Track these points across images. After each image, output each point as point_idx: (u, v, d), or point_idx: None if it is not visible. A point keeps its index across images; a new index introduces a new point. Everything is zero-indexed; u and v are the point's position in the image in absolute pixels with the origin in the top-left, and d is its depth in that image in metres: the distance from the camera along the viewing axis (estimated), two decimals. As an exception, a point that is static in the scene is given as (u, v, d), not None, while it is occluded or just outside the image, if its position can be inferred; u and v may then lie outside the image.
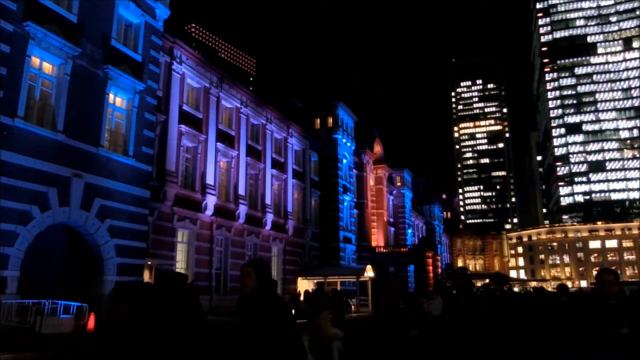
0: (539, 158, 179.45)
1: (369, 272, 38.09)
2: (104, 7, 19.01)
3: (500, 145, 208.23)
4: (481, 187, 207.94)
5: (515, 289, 63.77)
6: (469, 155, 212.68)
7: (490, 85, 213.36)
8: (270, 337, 3.91)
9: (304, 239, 39.85)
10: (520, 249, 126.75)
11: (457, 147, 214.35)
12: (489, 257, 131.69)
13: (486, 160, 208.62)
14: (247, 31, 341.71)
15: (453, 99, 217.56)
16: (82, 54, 17.70)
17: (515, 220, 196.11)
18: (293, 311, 14.90)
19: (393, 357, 6.55)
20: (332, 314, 9.31)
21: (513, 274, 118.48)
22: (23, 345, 12.11)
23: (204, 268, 27.52)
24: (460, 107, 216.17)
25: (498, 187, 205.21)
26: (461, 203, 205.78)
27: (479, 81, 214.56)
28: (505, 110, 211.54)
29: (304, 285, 35.60)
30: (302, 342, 4.18)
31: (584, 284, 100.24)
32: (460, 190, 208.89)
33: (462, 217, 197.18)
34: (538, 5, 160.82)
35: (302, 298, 26.44)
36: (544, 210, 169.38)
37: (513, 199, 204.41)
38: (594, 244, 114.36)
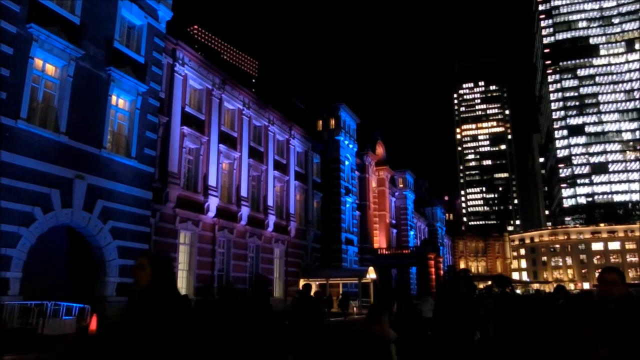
0: (541, 160, 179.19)
1: (371, 274, 38.06)
2: (106, 9, 19.05)
3: (503, 147, 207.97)
4: (483, 188, 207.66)
5: (518, 291, 63.57)
6: (471, 157, 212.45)
7: (492, 87, 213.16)
8: (159, 351, 3.03)
9: (306, 241, 39.83)
10: (522, 251, 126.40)
11: (460, 148, 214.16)
12: (491, 259, 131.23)
13: (488, 162, 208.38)
14: (249, 33, 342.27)
15: (455, 101, 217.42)
16: (85, 55, 17.74)
17: (517, 222, 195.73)
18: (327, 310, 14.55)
19: None
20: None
21: (515, 275, 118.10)
22: (25, 347, 12.11)
23: (206, 270, 27.51)
24: (462, 108, 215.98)
25: (500, 188, 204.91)
26: (463, 205, 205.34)
27: (481, 83, 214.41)
28: (507, 112, 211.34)
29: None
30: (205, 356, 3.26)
31: (586, 285, 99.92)
32: (463, 192, 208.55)
33: (465, 219, 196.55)
34: (540, 7, 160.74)
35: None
36: (547, 212, 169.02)
37: (515, 201, 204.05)
38: (597, 246, 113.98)
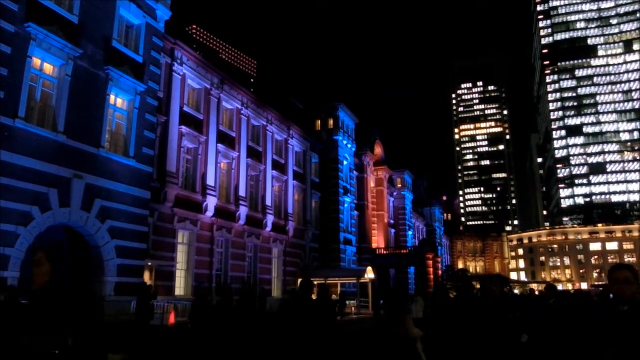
0: (539, 160, 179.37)
1: (369, 274, 38.07)
2: (105, 8, 19.01)
3: (501, 147, 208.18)
4: (481, 188, 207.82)
5: (516, 291, 63.62)
6: (469, 157, 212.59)
7: (490, 87, 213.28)
8: None
9: (305, 240, 39.82)
10: (520, 251, 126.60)
11: (458, 148, 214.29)
12: (489, 258, 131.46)
13: (487, 162, 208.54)
14: (247, 32, 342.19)
15: (453, 101, 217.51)
16: (83, 54, 17.70)
17: (515, 222, 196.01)
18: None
19: None
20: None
21: (513, 275, 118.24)
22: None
23: (205, 269, 27.50)
24: (460, 109, 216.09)
25: (498, 189, 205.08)
26: (461, 205, 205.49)
27: (480, 83, 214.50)
28: (505, 112, 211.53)
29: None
30: None
31: (584, 285, 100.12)
32: (461, 192, 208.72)
33: (463, 219, 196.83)
34: (539, 8, 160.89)
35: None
36: (544, 212, 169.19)
37: (513, 201, 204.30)
38: (594, 246, 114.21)
